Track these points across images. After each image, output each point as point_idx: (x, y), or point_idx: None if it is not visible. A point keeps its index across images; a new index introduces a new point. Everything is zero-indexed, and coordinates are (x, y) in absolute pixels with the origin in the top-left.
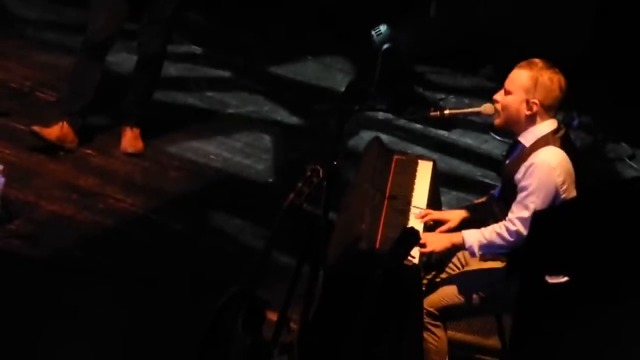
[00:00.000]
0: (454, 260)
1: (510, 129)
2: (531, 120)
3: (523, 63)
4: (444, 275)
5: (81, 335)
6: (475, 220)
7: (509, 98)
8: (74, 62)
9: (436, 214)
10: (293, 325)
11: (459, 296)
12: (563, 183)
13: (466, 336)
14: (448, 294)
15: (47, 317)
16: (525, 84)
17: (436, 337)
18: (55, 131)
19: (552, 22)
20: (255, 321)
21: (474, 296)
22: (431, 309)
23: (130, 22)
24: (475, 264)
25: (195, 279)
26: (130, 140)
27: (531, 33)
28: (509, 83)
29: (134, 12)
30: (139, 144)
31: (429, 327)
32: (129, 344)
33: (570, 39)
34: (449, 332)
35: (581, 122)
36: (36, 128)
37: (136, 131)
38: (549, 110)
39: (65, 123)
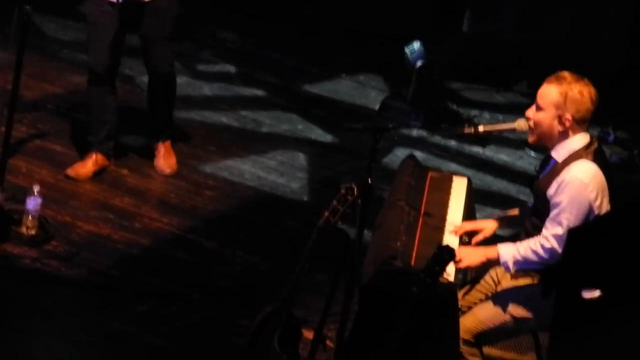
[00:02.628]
0: (486, 277)
1: (544, 145)
2: (564, 135)
3: (551, 78)
4: (477, 294)
5: (117, 353)
6: (508, 229)
7: (541, 115)
8: (86, 95)
9: (469, 225)
10: (329, 344)
11: (494, 320)
12: (596, 198)
13: (502, 353)
14: (482, 319)
15: (82, 335)
16: (555, 99)
17: None
18: (89, 168)
19: (587, 37)
20: (292, 339)
21: (509, 317)
22: (467, 337)
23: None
24: (506, 282)
25: (231, 297)
26: (164, 157)
27: (566, 47)
28: (539, 99)
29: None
30: (173, 160)
31: (467, 357)
32: None
33: (606, 53)
34: (485, 349)
35: (617, 137)
36: (71, 173)
37: (167, 145)
38: (581, 123)
39: (96, 154)
